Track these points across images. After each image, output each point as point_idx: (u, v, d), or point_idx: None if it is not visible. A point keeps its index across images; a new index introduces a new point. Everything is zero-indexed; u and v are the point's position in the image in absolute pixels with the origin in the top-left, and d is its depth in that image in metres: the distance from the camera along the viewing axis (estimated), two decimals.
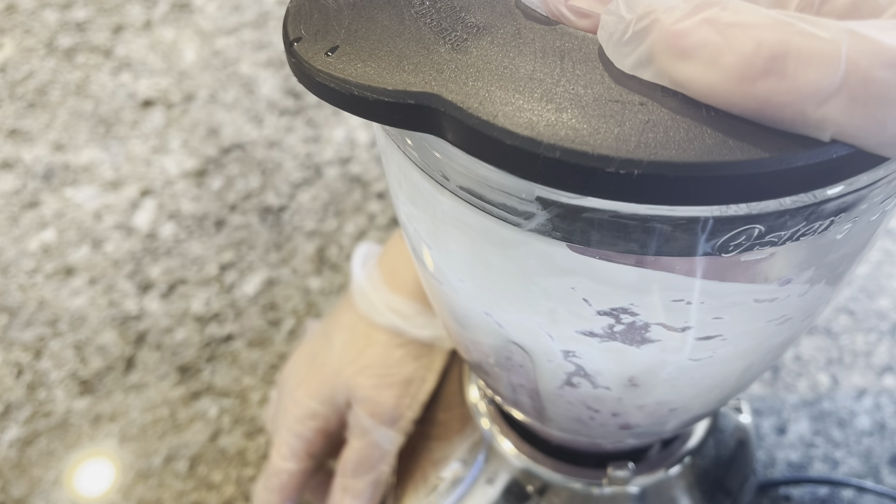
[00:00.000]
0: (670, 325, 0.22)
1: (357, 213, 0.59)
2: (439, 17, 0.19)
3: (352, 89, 0.17)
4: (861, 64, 0.14)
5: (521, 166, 0.16)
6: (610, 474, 0.36)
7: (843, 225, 0.19)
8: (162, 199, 0.60)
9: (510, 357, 0.27)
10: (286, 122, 0.64)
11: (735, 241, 0.18)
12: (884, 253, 0.57)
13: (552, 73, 0.17)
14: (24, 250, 0.57)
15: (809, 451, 0.48)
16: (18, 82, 0.68)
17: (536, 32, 0.18)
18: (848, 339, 0.52)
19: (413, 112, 0.17)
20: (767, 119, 0.15)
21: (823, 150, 0.15)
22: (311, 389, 0.41)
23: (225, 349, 0.52)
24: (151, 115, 0.65)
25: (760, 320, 0.23)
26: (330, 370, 0.41)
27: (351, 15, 0.19)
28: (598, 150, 0.15)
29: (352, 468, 0.40)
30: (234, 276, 0.55)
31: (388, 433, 0.40)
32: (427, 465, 0.41)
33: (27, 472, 0.47)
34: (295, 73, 0.18)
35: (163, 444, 0.48)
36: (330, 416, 0.40)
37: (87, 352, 0.52)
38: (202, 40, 0.70)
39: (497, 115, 0.16)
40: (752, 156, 0.15)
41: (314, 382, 0.41)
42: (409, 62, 0.18)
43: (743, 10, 0.15)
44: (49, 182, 0.61)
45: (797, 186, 0.16)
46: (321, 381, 0.40)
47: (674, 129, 0.16)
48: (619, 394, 0.27)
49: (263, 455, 0.48)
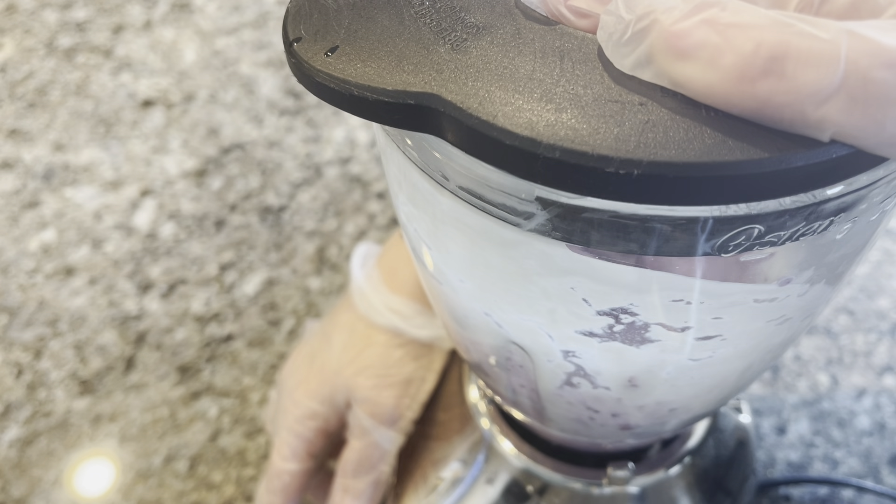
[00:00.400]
0: (670, 325, 0.22)
1: (357, 213, 0.59)
2: (439, 18, 0.19)
3: (351, 89, 0.17)
4: (860, 64, 0.14)
5: (520, 166, 0.16)
6: (610, 474, 0.36)
7: (843, 225, 0.19)
8: (162, 199, 0.60)
9: (510, 357, 0.27)
10: (286, 122, 0.64)
11: (735, 241, 0.18)
12: (884, 253, 0.57)
13: (552, 73, 0.17)
14: (24, 250, 0.57)
15: (809, 451, 0.48)
16: (18, 82, 0.68)
17: (536, 32, 0.18)
18: (848, 339, 0.52)
19: (413, 112, 0.17)
20: (767, 119, 0.15)
21: (823, 151, 0.15)
22: (310, 390, 0.41)
23: (225, 349, 0.52)
24: (151, 115, 0.65)
25: (760, 320, 0.23)
26: (329, 370, 0.41)
27: (350, 15, 0.19)
28: (597, 150, 0.15)
29: (352, 468, 0.40)
30: (234, 276, 0.55)
31: (388, 433, 0.40)
32: (427, 465, 0.41)
33: (27, 472, 0.47)
34: (295, 73, 0.18)
35: (163, 444, 0.48)
36: (330, 416, 0.40)
37: (87, 352, 0.52)
38: (202, 40, 0.70)
39: (497, 115, 0.16)
40: (751, 156, 0.15)
41: (314, 383, 0.41)
42: (408, 62, 0.18)
43: (742, 10, 0.15)
44: (49, 182, 0.61)
45: (797, 186, 0.16)
46: (321, 382, 0.40)
47: (673, 129, 0.16)
48: (619, 394, 0.27)
49: (263, 455, 0.48)
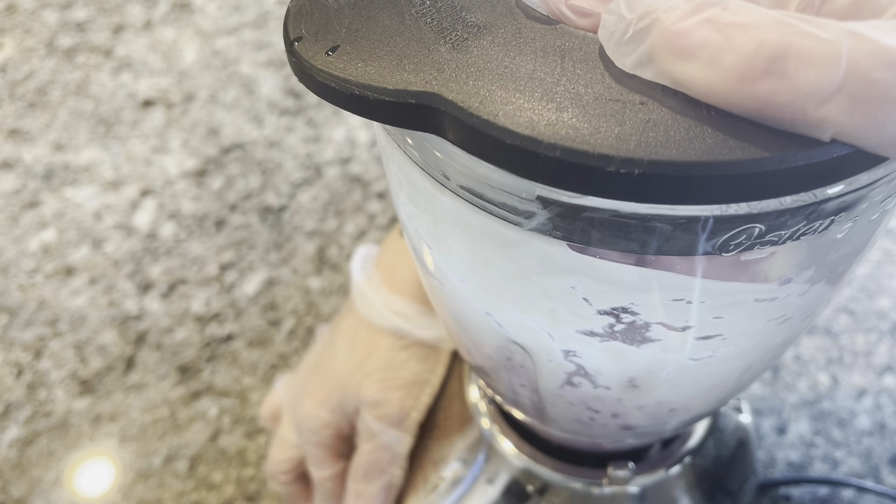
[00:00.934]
0: (671, 325, 0.22)
1: (357, 213, 0.59)
2: (440, 17, 0.19)
3: (352, 89, 0.17)
4: (862, 64, 0.14)
5: (521, 165, 0.16)
6: (610, 474, 0.36)
7: (844, 224, 0.19)
8: (162, 199, 0.60)
9: (510, 357, 0.27)
10: (286, 122, 0.64)
11: (735, 240, 0.18)
12: (884, 253, 0.57)
13: (553, 72, 0.17)
14: (24, 250, 0.57)
15: (809, 451, 0.48)
16: (18, 82, 0.68)
17: (537, 32, 0.18)
18: (848, 339, 0.52)
19: (414, 111, 0.17)
20: (768, 119, 0.15)
21: (823, 150, 0.15)
22: (319, 399, 0.41)
23: (225, 349, 0.52)
24: (151, 115, 0.65)
25: (761, 320, 0.23)
26: (336, 378, 0.41)
27: (351, 14, 0.19)
28: (598, 149, 0.15)
29: (363, 473, 0.40)
30: (234, 276, 0.55)
31: (396, 434, 0.40)
32: (427, 465, 0.41)
33: (27, 472, 0.47)
34: (295, 72, 0.18)
35: (163, 444, 0.48)
36: (341, 423, 0.41)
37: (87, 352, 0.52)
38: (202, 40, 0.70)
39: (498, 114, 0.16)
40: (752, 155, 0.15)
41: (322, 392, 0.41)
42: (409, 61, 0.18)
43: (743, 10, 0.15)
44: (49, 182, 0.61)
45: (797, 186, 0.16)
46: (329, 390, 0.41)
47: (674, 128, 0.16)
48: (620, 394, 0.27)
49: (263, 455, 0.48)
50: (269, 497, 0.47)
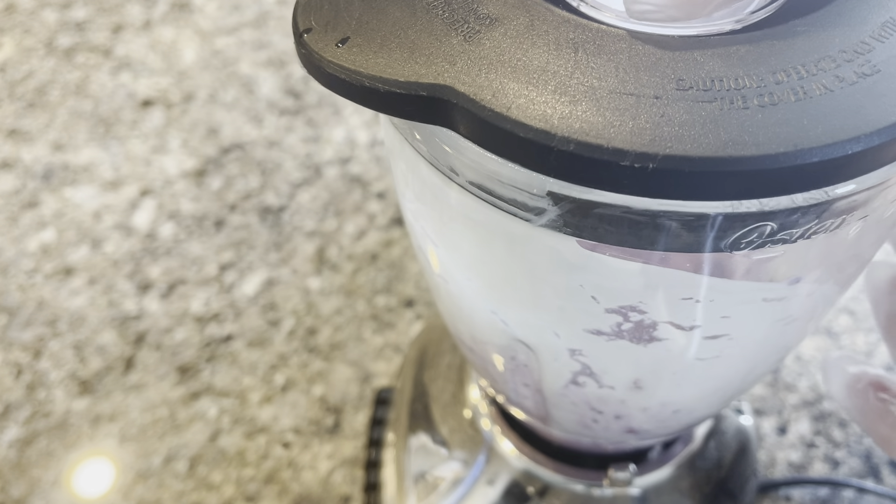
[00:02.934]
0: (678, 324, 0.22)
1: (357, 213, 0.59)
2: (451, 9, 0.18)
3: (363, 80, 0.17)
4: None
5: (534, 159, 0.16)
6: (611, 476, 0.36)
7: (855, 223, 0.19)
8: (161, 199, 0.59)
9: (515, 356, 0.27)
10: (286, 122, 0.64)
11: (747, 238, 0.18)
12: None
13: (566, 65, 0.17)
14: (24, 250, 0.57)
15: (810, 452, 0.47)
16: (18, 82, 0.67)
17: (550, 24, 0.18)
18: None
19: (425, 104, 0.17)
20: None
21: (838, 147, 0.15)
22: None
23: (225, 349, 0.52)
24: (151, 115, 0.65)
25: (768, 320, 0.23)
26: None
27: (361, 6, 0.19)
28: (612, 143, 0.15)
29: None
30: (234, 276, 0.55)
31: None
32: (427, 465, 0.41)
33: (27, 472, 0.47)
34: (304, 64, 0.18)
35: (163, 444, 0.48)
36: None
37: (87, 352, 0.52)
38: (202, 40, 0.70)
39: (510, 107, 0.16)
40: (766, 151, 0.15)
41: None
42: (420, 53, 0.17)
43: None
44: (48, 182, 0.60)
45: (811, 182, 0.16)
46: None
47: (689, 123, 0.16)
48: (624, 395, 0.27)
49: (263, 455, 0.48)
50: (270, 497, 0.46)
